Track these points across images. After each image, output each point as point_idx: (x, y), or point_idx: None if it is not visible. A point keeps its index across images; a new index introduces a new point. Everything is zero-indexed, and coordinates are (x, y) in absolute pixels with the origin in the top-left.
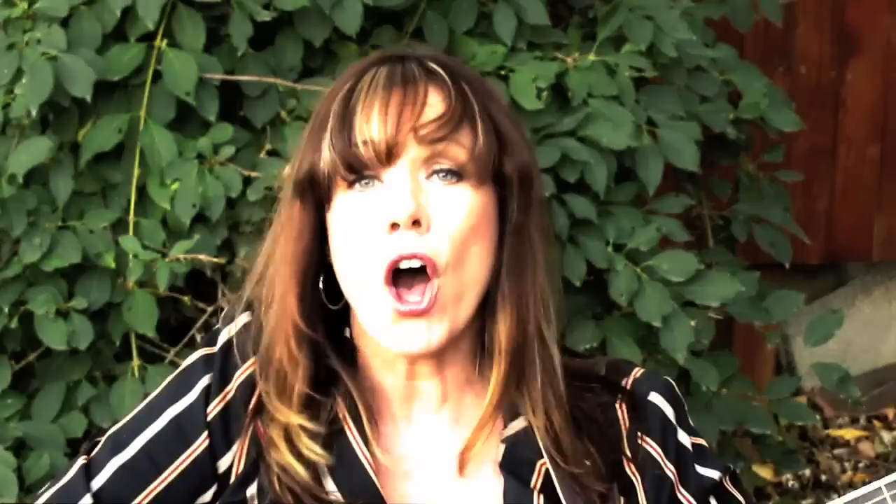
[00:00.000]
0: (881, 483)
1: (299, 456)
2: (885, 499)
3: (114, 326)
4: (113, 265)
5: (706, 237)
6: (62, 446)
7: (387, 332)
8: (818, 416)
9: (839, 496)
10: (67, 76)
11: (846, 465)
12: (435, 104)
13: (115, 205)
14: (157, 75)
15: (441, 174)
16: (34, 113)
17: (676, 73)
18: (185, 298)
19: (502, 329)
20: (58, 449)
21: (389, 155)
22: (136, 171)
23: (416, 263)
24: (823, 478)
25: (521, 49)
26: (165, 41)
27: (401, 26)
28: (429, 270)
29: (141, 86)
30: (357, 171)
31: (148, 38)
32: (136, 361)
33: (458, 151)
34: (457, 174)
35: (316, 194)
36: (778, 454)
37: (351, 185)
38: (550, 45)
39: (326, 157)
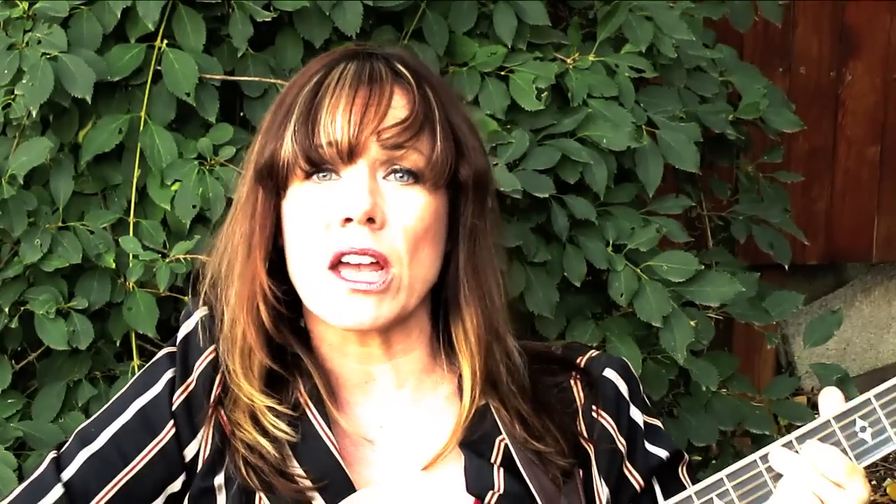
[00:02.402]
0: (756, 456)
1: (265, 433)
2: (761, 471)
3: (114, 326)
4: (113, 265)
5: (706, 238)
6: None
7: (335, 308)
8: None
9: None
10: (67, 76)
11: None
12: (399, 107)
13: (115, 205)
14: (157, 76)
15: (398, 175)
16: (34, 113)
17: (676, 73)
18: (185, 298)
19: (470, 327)
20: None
21: (351, 154)
22: (136, 172)
23: (366, 260)
24: None
25: (521, 49)
26: (165, 42)
27: (401, 26)
28: (381, 265)
29: (141, 86)
30: (316, 165)
31: (148, 38)
32: (136, 361)
33: (417, 156)
34: (414, 176)
35: (275, 180)
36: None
37: (308, 176)
38: (550, 46)
39: (288, 148)
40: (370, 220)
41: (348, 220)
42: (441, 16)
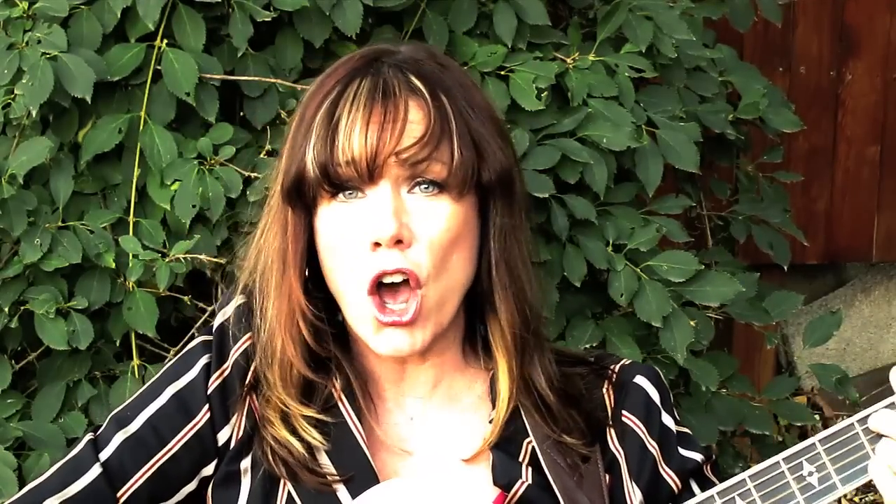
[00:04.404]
0: (853, 419)
1: (294, 432)
2: (857, 433)
3: (114, 326)
4: (113, 265)
5: (706, 238)
6: (62, 446)
7: (371, 337)
8: (818, 416)
9: (840, 498)
10: (67, 76)
11: None
12: (415, 122)
13: (115, 205)
14: (157, 75)
15: (423, 187)
16: (34, 113)
17: (676, 73)
18: (186, 298)
19: (506, 324)
20: (58, 449)
21: (371, 175)
22: (136, 172)
23: (398, 278)
24: None
25: (521, 49)
26: (165, 41)
27: (401, 26)
28: (412, 283)
29: (141, 86)
30: (338, 186)
31: (148, 38)
32: (136, 361)
33: (440, 167)
34: (438, 187)
35: (303, 199)
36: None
37: (334, 195)
38: (550, 46)
39: (310, 168)
40: (398, 242)
41: (377, 244)
42: (441, 15)
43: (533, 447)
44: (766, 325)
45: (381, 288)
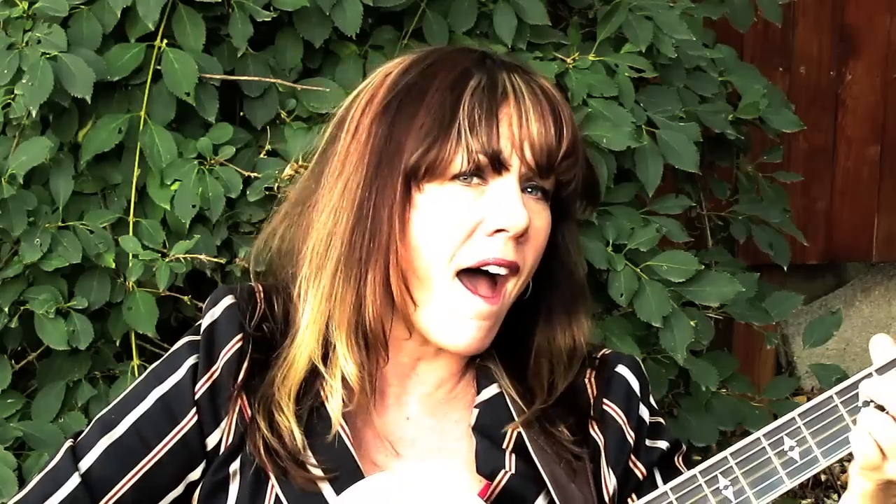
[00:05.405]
0: (832, 392)
1: (297, 415)
2: (836, 405)
3: (114, 326)
4: (113, 265)
5: (706, 238)
6: (62, 446)
7: (446, 330)
8: None
9: (839, 496)
10: (67, 76)
11: (846, 464)
12: (565, 130)
13: (115, 205)
14: (157, 75)
15: (531, 190)
16: (34, 113)
17: (676, 73)
18: (185, 298)
19: (560, 336)
20: (57, 449)
21: (506, 166)
22: (136, 172)
23: (503, 271)
24: (823, 478)
25: (521, 49)
26: (165, 41)
27: (401, 26)
28: (508, 274)
29: (141, 86)
30: (480, 168)
31: (148, 38)
32: (135, 361)
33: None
34: (546, 194)
35: (416, 180)
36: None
37: (455, 177)
38: (550, 46)
39: (454, 148)
40: (521, 236)
41: (500, 231)
42: (441, 15)
43: (519, 433)
44: (766, 325)
45: (470, 274)
